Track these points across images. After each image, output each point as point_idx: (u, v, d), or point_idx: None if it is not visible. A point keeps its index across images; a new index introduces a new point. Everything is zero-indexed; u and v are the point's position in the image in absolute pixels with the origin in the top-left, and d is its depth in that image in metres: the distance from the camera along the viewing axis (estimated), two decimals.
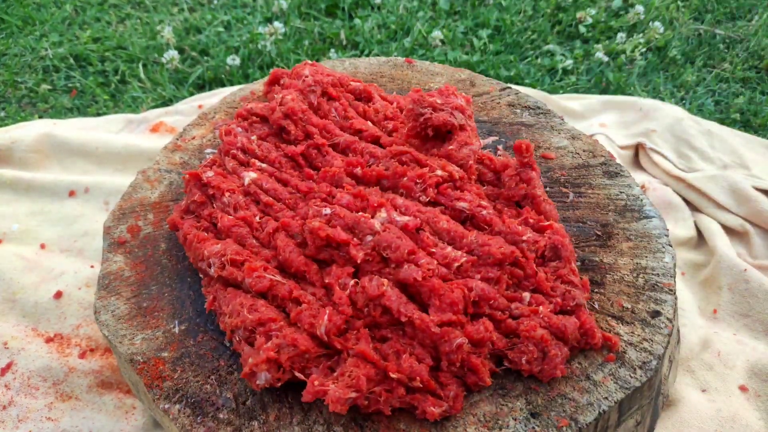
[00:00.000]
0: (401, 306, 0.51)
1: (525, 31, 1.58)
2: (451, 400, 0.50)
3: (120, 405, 0.75)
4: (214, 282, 0.59)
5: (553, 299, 0.55)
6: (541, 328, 0.52)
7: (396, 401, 0.49)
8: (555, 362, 0.51)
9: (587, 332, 0.53)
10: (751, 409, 0.73)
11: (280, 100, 0.71)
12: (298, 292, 0.54)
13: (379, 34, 1.57)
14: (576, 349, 0.53)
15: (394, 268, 0.54)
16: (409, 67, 0.91)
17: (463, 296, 0.52)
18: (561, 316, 0.53)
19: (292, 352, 0.50)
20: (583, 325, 0.53)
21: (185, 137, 0.80)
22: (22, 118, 1.33)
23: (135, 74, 1.46)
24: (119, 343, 0.57)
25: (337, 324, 0.51)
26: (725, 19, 1.62)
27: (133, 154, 1.10)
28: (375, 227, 0.55)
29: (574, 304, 0.54)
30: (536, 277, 0.56)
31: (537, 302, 0.54)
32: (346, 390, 0.47)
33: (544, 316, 0.53)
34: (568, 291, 0.55)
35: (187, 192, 0.67)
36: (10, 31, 1.61)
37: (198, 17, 1.64)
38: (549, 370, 0.51)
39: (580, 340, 0.53)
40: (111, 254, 0.66)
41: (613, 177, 0.71)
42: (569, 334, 0.52)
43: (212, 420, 0.51)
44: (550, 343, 0.51)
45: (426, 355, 0.51)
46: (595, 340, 0.53)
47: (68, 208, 1.01)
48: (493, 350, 0.52)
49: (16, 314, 0.84)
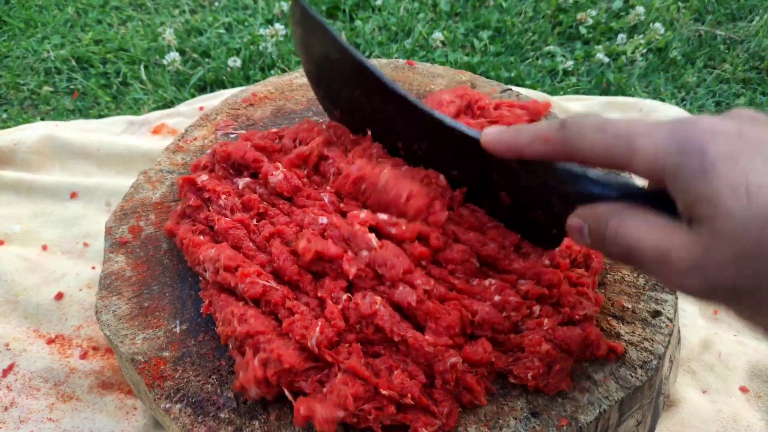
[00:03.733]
0: (394, 326, 0.50)
1: (526, 32, 1.58)
2: (445, 417, 0.48)
3: (121, 405, 0.75)
4: (209, 286, 0.59)
5: (563, 309, 0.53)
6: (546, 342, 0.50)
7: (387, 419, 0.48)
8: (561, 376, 0.50)
9: (593, 344, 0.52)
10: (752, 410, 0.73)
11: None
12: (291, 303, 0.53)
13: (379, 35, 1.57)
14: (581, 360, 0.53)
15: (388, 287, 0.52)
16: (410, 69, 0.91)
17: (460, 318, 0.50)
18: (566, 328, 0.52)
19: (278, 367, 0.49)
20: (589, 336, 0.51)
21: (187, 138, 0.81)
22: (24, 120, 1.33)
23: (136, 76, 1.46)
24: (120, 343, 0.58)
25: (329, 337, 0.50)
26: (726, 20, 1.62)
27: (134, 155, 1.11)
28: (372, 243, 0.53)
29: (582, 315, 0.53)
30: (560, 288, 0.54)
31: (546, 314, 0.53)
32: (334, 410, 0.46)
33: (548, 328, 0.51)
34: (579, 302, 0.54)
35: (181, 197, 0.67)
36: (12, 33, 1.61)
37: (199, 19, 1.65)
38: (555, 384, 0.50)
39: (585, 351, 0.52)
40: (112, 254, 0.66)
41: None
42: (575, 347, 0.51)
43: (213, 419, 0.51)
44: (557, 358, 0.50)
45: (419, 371, 0.49)
46: (601, 352, 0.52)
47: (70, 209, 1.01)
48: (492, 369, 0.51)
49: (17, 316, 0.85)
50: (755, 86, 1.40)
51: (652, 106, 1.20)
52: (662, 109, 1.18)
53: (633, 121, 0.38)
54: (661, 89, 1.40)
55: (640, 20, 1.59)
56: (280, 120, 0.83)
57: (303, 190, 0.62)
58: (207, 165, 0.69)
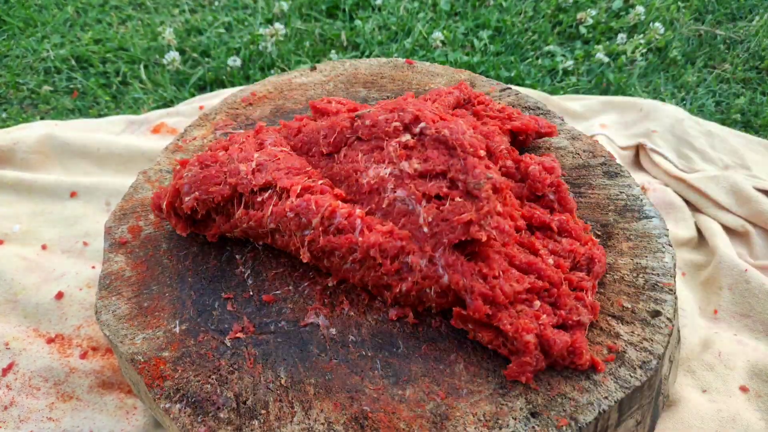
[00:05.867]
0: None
1: (525, 32, 1.58)
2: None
3: (121, 405, 0.75)
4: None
5: (558, 312, 0.54)
6: (533, 335, 0.51)
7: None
8: (524, 368, 0.51)
9: (575, 351, 0.52)
10: (752, 410, 0.73)
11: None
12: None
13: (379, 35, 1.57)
14: (560, 365, 0.53)
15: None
16: (410, 68, 0.91)
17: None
18: (556, 331, 0.52)
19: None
20: (573, 343, 0.52)
21: (186, 138, 0.81)
22: (23, 119, 1.33)
23: (136, 75, 1.46)
24: (120, 343, 0.58)
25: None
26: (726, 19, 1.62)
27: (134, 155, 1.11)
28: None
29: (575, 320, 0.53)
30: (560, 290, 0.55)
31: (544, 311, 0.53)
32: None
33: (542, 324, 0.52)
34: (576, 307, 0.54)
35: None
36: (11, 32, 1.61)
37: (199, 18, 1.65)
38: (515, 373, 0.51)
39: (566, 358, 0.52)
40: (112, 254, 0.66)
41: (613, 177, 0.71)
42: (555, 351, 0.51)
43: (213, 419, 0.51)
44: (532, 353, 0.51)
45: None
46: (582, 361, 0.52)
47: (69, 209, 1.01)
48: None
49: (17, 315, 0.85)
50: (755, 86, 1.40)
51: (652, 105, 1.20)
52: (662, 109, 1.18)
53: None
54: (661, 89, 1.40)
55: (640, 20, 1.59)
56: (279, 119, 0.83)
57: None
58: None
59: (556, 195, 0.64)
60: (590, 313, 0.55)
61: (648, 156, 1.11)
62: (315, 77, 0.90)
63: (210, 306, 0.60)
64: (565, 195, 0.64)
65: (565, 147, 0.75)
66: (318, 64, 0.93)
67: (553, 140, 0.76)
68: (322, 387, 0.53)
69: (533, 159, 0.66)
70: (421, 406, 0.51)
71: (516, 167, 0.66)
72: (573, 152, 0.74)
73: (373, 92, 0.87)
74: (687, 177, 1.04)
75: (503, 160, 0.66)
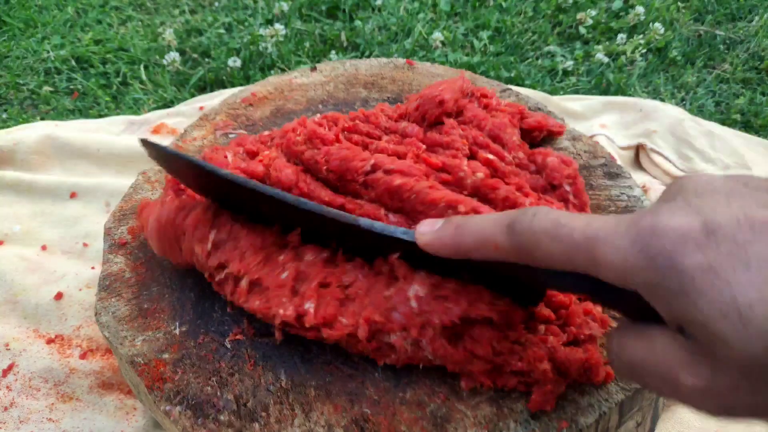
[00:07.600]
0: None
1: (525, 32, 1.58)
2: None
3: (121, 406, 0.75)
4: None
5: (568, 329, 0.52)
6: (547, 361, 0.49)
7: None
8: (548, 397, 0.49)
9: (591, 369, 0.50)
10: None
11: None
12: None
13: (379, 35, 1.57)
14: (576, 383, 0.51)
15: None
16: (410, 69, 0.91)
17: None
18: (569, 349, 0.51)
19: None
20: (589, 360, 0.50)
21: (186, 138, 0.80)
22: (24, 119, 1.33)
23: (136, 76, 1.46)
24: (120, 345, 0.58)
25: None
26: (726, 20, 1.62)
27: (134, 155, 1.11)
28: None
29: (587, 335, 0.52)
30: (569, 309, 0.53)
31: (552, 333, 0.52)
32: None
33: (551, 346, 0.50)
34: (586, 322, 0.53)
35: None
36: (11, 33, 1.61)
37: (199, 19, 1.65)
38: (539, 403, 0.49)
39: (582, 375, 0.50)
40: (112, 255, 0.66)
41: (614, 178, 0.71)
42: (573, 371, 0.49)
43: (213, 422, 0.51)
44: (551, 379, 0.49)
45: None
46: (598, 378, 0.50)
47: (70, 209, 1.01)
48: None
49: (17, 316, 0.85)
50: (755, 86, 1.40)
51: (652, 106, 1.20)
52: (662, 109, 1.18)
53: (590, 224, 0.34)
54: (661, 89, 1.40)
55: (639, 20, 1.59)
56: (279, 120, 0.82)
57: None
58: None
59: (572, 187, 0.63)
60: (601, 327, 0.53)
61: (648, 156, 1.11)
62: (315, 78, 0.90)
63: (210, 308, 0.60)
64: (581, 188, 0.63)
65: (566, 148, 0.75)
66: (318, 65, 0.92)
67: (554, 140, 0.76)
68: (323, 389, 0.53)
69: (550, 152, 0.66)
70: (422, 408, 0.51)
71: (531, 159, 0.65)
72: (573, 153, 0.74)
73: (373, 93, 0.87)
74: None
75: (516, 152, 0.66)
